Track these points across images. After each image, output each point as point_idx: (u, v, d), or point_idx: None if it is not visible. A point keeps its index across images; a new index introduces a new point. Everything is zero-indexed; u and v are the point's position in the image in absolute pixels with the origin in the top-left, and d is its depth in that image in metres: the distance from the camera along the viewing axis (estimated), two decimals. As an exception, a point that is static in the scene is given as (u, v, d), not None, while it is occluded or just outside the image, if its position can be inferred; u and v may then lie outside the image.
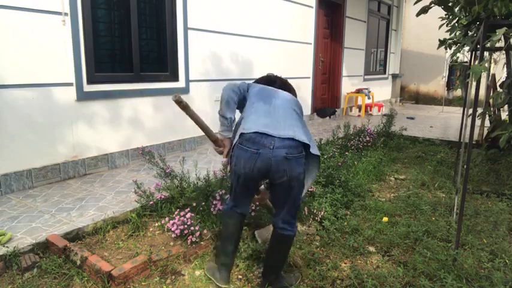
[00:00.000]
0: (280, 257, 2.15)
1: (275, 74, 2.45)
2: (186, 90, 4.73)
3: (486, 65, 3.73)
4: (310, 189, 3.20)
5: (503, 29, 2.12)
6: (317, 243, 2.67)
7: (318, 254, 2.47)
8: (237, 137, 2.03)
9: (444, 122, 7.89)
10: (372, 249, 2.61)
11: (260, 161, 1.92)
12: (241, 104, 2.21)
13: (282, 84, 2.36)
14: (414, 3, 3.63)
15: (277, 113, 2.05)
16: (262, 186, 2.48)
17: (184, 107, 1.94)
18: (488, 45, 2.25)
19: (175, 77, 4.65)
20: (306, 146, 2.04)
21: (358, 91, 8.68)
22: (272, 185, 2.07)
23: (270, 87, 2.24)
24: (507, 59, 3.96)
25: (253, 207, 2.80)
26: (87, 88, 3.75)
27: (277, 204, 2.12)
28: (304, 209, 2.91)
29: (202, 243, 2.53)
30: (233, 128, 2.18)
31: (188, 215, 2.58)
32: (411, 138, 5.96)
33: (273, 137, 1.94)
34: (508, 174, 4.05)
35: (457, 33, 3.95)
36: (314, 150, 2.04)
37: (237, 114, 2.16)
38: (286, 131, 1.97)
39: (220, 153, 2.17)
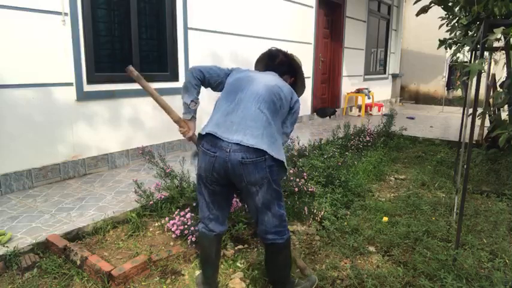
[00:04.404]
0: (280, 267, 2.00)
1: (279, 48, 2.21)
2: (186, 90, 4.73)
3: (486, 64, 3.73)
4: (310, 189, 3.21)
5: (501, 29, 2.11)
6: (317, 243, 2.67)
7: (318, 254, 2.47)
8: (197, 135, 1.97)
9: (444, 122, 7.89)
10: (372, 249, 2.61)
11: (218, 164, 1.80)
12: (219, 88, 2.20)
13: (283, 58, 2.17)
14: (414, 3, 3.63)
15: (236, 112, 1.86)
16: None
17: (137, 78, 2.05)
18: (486, 44, 2.25)
19: (175, 77, 4.64)
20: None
21: (358, 91, 8.68)
22: (238, 191, 1.99)
23: (248, 76, 2.03)
24: (507, 59, 3.96)
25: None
26: (87, 88, 3.75)
27: (252, 213, 1.95)
28: (304, 209, 2.91)
29: (202, 243, 2.53)
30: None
31: (188, 215, 2.58)
32: (411, 138, 5.95)
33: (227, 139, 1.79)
34: (508, 174, 4.04)
35: (457, 33, 3.95)
36: (275, 154, 1.80)
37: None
38: (235, 134, 1.78)
39: (183, 134, 2.23)
